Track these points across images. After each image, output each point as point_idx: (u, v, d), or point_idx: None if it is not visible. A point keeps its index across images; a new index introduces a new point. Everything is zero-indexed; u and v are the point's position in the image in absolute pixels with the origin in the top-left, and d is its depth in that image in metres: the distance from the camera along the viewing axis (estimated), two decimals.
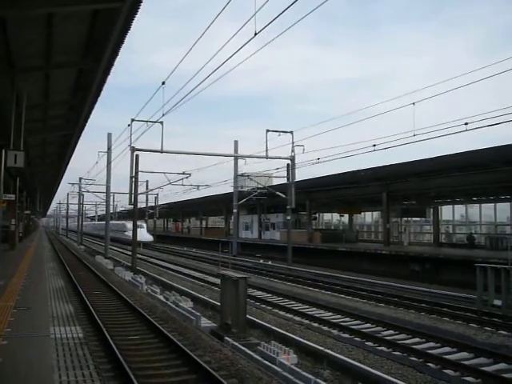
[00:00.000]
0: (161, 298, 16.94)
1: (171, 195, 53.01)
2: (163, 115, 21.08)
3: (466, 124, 15.41)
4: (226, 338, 10.80)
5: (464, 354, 10.76)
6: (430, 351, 10.94)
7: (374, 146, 20.06)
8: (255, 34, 10.05)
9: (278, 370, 8.71)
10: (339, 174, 31.17)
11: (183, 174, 33.74)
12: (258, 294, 19.77)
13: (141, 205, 46.01)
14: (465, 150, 21.99)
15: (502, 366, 10.04)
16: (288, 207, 31.06)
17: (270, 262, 33.91)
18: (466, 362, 10.13)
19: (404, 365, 9.58)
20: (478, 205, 35.42)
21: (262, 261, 35.28)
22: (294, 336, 11.66)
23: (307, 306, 16.94)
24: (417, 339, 12.12)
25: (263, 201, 41.53)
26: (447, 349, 11.23)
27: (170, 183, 34.71)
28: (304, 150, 27.83)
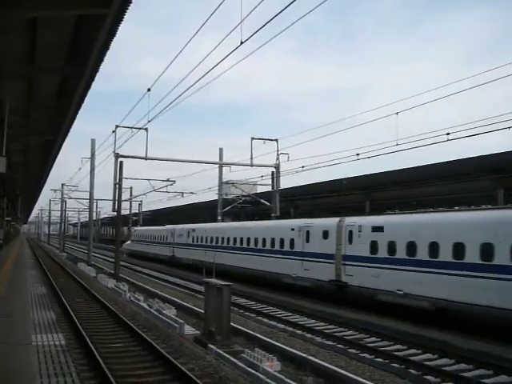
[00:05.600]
0: (144, 305, 16.81)
1: (155, 202, 52.72)
2: (148, 122, 21.07)
3: (448, 134, 15.67)
4: (210, 345, 10.77)
5: None
6: None
7: (358, 155, 20.24)
8: (241, 43, 10.11)
9: (262, 377, 8.71)
10: (323, 183, 31.33)
11: (168, 180, 33.70)
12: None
13: (124, 212, 45.70)
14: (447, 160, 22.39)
15: None
16: (272, 215, 31.10)
17: None
18: None
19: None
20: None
21: None
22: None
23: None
24: None
25: (248, 208, 41.52)
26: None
27: (155, 190, 34.64)
28: (289, 157, 28.00)
